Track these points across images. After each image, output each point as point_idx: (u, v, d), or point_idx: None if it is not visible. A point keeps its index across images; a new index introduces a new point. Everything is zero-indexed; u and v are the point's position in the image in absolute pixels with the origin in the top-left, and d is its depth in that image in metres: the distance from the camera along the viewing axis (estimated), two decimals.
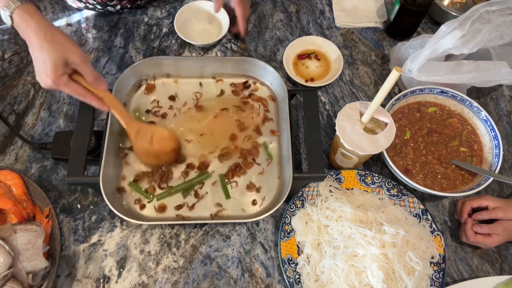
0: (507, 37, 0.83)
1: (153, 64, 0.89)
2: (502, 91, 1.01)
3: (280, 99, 0.89)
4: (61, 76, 0.69)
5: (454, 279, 0.80)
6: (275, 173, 0.84)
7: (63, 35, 0.70)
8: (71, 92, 0.72)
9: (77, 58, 0.70)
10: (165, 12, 1.09)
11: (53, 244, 0.76)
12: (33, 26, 0.68)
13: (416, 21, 1.03)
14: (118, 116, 0.78)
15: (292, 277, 0.76)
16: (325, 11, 1.12)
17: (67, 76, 0.71)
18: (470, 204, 0.80)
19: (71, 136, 0.78)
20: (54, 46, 0.68)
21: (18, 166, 0.87)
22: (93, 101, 0.74)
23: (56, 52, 0.68)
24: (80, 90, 0.73)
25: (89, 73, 0.73)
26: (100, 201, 0.84)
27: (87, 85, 0.74)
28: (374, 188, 0.85)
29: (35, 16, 0.69)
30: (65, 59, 0.69)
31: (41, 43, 0.67)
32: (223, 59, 0.92)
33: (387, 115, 0.77)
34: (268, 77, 0.91)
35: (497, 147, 0.83)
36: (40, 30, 0.68)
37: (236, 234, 0.82)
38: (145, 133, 0.80)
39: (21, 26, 0.69)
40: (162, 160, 0.82)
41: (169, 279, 0.78)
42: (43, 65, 0.68)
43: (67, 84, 0.71)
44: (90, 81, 0.73)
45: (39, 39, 0.68)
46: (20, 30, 0.70)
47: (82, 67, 0.71)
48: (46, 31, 0.68)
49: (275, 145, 0.86)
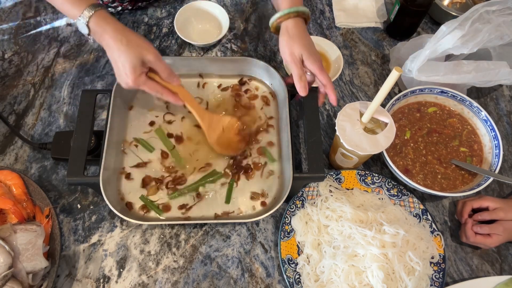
0: (507, 37, 0.83)
1: None
2: (502, 91, 1.01)
3: (280, 99, 0.89)
4: (139, 76, 0.73)
5: (454, 279, 0.80)
6: (275, 173, 0.84)
7: (137, 36, 0.73)
8: (150, 90, 0.75)
9: (152, 57, 0.73)
10: (165, 12, 1.09)
11: (53, 244, 0.76)
12: (109, 31, 0.71)
13: (416, 21, 1.03)
14: (192, 109, 0.81)
15: (292, 277, 0.76)
16: (325, 11, 1.12)
17: (145, 75, 0.74)
18: (470, 204, 0.80)
19: (71, 136, 0.78)
20: (130, 48, 0.71)
21: (18, 166, 0.87)
22: (169, 96, 0.77)
23: (133, 54, 0.71)
24: (158, 87, 0.76)
25: (163, 70, 0.75)
26: (100, 201, 0.84)
27: (161, 81, 0.77)
28: (374, 188, 0.85)
29: (109, 20, 0.72)
30: (141, 59, 0.72)
31: (119, 47, 0.70)
32: (223, 59, 0.92)
33: (387, 115, 0.77)
34: (268, 77, 0.91)
35: (497, 147, 0.83)
36: (116, 35, 0.71)
37: (236, 234, 0.82)
38: (217, 123, 0.84)
39: (98, 32, 0.72)
40: (234, 148, 0.84)
41: (169, 279, 0.78)
42: (122, 67, 0.72)
43: (146, 82, 0.74)
44: (165, 77, 0.76)
45: (116, 43, 0.71)
46: (97, 37, 0.73)
47: (157, 64, 0.74)
48: (122, 35, 0.71)
49: (275, 145, 0.86)
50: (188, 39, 0.99)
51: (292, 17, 0.79)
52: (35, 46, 1.02)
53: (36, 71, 0.98)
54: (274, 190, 0.82)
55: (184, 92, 0.80)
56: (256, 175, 0.83)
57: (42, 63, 1.00)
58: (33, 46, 1.02)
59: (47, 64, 0.99)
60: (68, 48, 1.02)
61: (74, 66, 0.99)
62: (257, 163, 0.84)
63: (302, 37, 0.78)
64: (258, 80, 0.93)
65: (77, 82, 0.97)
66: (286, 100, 0.84)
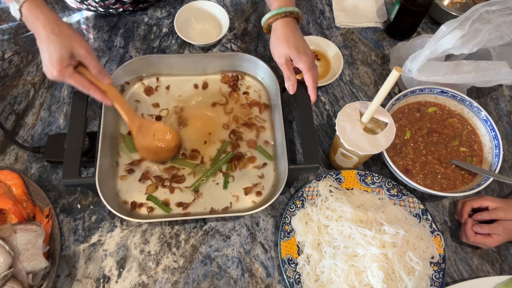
0: (507, 37, 0.83)
1: (144, 63, 0.89)
2: (502, 91, 1.01)
3: (272, 93, 0.90)
4: (66, 67, 0.71)
5: (454, 279, 0.80)
6: (270, 166, 0.84)
7: (70, 28, 0.72)
8: (75, 83, 0.73)
9: (83, 50, 0.72)
10: (165, 12, 1.09)
11: (53, 244, 0.76)
12: (42, 19, 0.70)
13: (416, 21, 1.03)
14: (121, 110, 0.78)
15: (292, 277, 0.76)
16: (325, 11, 1.12)
17: (72, 68, 0.73)
18: (470, 204, 0.80)
19: (64, 138, 0.78)
20: (61, 38, 0.70)
21: (18, 166, 0.87)
22: (96, 93, 0.75)
23: (62, 44, 0.70)
24: (85, 82, 0.74)
25: (94, 66, 0.74)
26: (100, 201, 0.83)
27: (91, 78, 0.75)
28: (374, 188, 0.85)
29: (43, 9, 0.71)
30: (71, 50, 0.71)
31: (49, 35, 0.69)
32: (214, 55, 0.93)
33: (387, 115, 0.77)
34: (259, 72, 0.92)
35: (497, 147, 0.83)
36: (48, 23, 0.70)
37: (236, 234, 0.82)
38: (147, 129, 0.81)
39: (30, 19, 0.71)
40: (162, 156, 0.83)
41: (169, 279, 0.78)
42: (49, 57, 0.70)
43: (72, 75, 0.72)
44: (95, 73, 0.75)
45: (46, 31, 0.69)
46: (28, 24, 0.72)
47: (88, 59, 0.73)
48: (54, 24, 0.70)
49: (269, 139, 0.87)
50: (188, 39, 0.99)
51: (280, 17, 0.79)
52: (35, 46, 1.00)
53: (36, 71, 0.98)
54: (271, 183, 0.83)
55: (114, 92, 0.77)
56: (252, 168, 0.84)
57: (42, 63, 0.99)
58: (33, 46, 1.02)
59: None
60: None
61: None
62: (252, 157, 0.85)
63: (290, 38, 0.78)
64: (250, 75, 0.93)
65: None
66: (278, 93, 0.84)
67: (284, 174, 0.76)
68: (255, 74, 0.92)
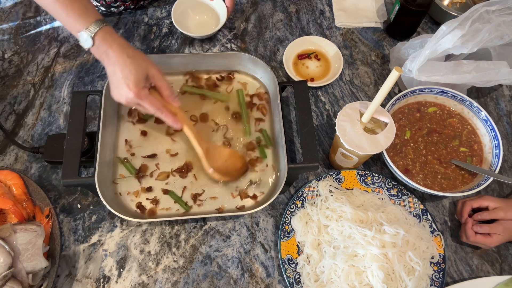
0: (507, 37, 0.83)
1: None
2: (502, 91, 1.01)
3: (271, 92, 0.90)
4: (142, 89, 0.71)
5: (454, 279, 0.80)
6: (270, 166, 0.84)
7: (141, 52, 0.74)
8: (150, 105, 0.73)
9: (157, 72, 0.73)
10: (165, 12, 1.09)
11: (53, 244, 0.76)
12: (115, 46, 0.70)
13: (416, 21, 1.03)
14: (190, 134, 0.78)
15: (292, 277, 0.76)
16: (325, 11, 1.12)
17: (147, 90, 0.73)
18: (470, 204, 0.80)
19: (63, 138, 0.78)
20: (136, 61, 0.71)
21: (18, 166, 0.87)
22: (168, 116, 0.75)
23: (139, 66, 0.71)
24: (159, 104, 0.74)
25: (166, 87, 0.75)
26: (100, 201, 0.84)
27: (162, 100, 0.75)
28: (374, 188, 0.85)
29: (114, 36, 0.72)
30: (146, 72, 0.72)
31: (124, 59, 0.70)
32: (214, 55, 0.93)
33: (387, 115, 0.77)
34: (258, 71, 0.91)
35: (497, 147, 0.83)
36: (122, 49, 0.70)
37: (236, 234, 0.82)
38: (213, 152, 0.81)
39: (102, 47, 0.71)
40: (232, 175, 0.82)
41: (169, 279, 0.78)
42: (125, 80, 0.70)
43: (147, 97, 0.72)
44: (167, 95, 0.76)
45: (122, 56, 0.70)
46: (99, 52, 0.71)
47: (161, 81, 0.74)
48: (128, 49, 0.71)
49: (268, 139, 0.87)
50: (186, 31, 0.99)
51: None
52: (35, 46, 1.02)
53: (36, 71, 0.98)
54: (270, 182, 0.83)
55: (182, 115, 0.77)
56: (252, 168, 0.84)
57: (42, 63, 1.00)
58: (33, 46, 1.02)
59: (47, 64, 0.99)
60: (68, 48, 1.02)
61: (74, 66, 0.99)
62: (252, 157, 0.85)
63: None
64: (249, 74, 0.93)
65: (77, 82, 0.97)
66: (277, 93, 0.84)
67: (284, 173, 0.76)
68: (255, 74, 0.92)
